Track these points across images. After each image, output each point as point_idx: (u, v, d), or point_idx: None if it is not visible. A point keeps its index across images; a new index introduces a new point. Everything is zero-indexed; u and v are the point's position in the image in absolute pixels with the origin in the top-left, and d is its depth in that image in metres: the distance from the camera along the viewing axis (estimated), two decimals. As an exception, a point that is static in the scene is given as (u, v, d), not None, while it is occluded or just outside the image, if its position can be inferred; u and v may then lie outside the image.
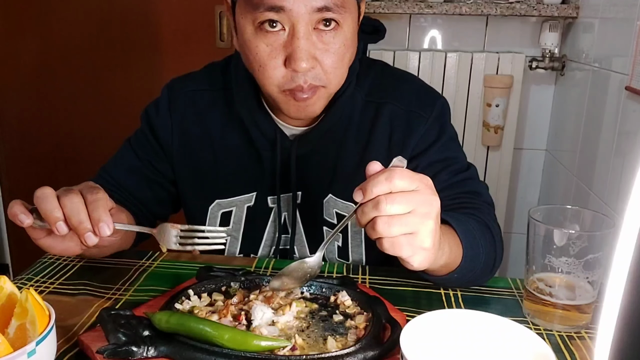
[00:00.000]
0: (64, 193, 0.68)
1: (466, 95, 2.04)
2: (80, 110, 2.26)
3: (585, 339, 0.71)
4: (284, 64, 0.79)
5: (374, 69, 0.97)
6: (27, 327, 0.56)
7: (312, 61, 0.78)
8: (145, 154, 1.00)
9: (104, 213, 0.67)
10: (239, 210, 0.98)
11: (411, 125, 0.92)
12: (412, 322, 0.58)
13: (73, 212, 0.66)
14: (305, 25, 0.77)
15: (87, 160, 2.26)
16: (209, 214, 0.99)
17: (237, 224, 0.99)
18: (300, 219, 0.96)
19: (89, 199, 0.67)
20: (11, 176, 2.38)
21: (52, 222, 0.66)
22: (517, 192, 2.24)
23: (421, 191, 0.61)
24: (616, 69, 1.55)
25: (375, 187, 0.60)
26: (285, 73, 0.79)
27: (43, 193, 0.67)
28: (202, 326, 0.62)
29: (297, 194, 0.95)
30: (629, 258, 0.26)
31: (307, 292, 0.77)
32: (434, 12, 1.94)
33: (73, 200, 0.66)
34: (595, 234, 0.70)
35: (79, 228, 0.66)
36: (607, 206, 1.55)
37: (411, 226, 0.60)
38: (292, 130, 0.93)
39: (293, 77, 0.79)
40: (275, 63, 0.79)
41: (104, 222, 0.66)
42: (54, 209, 0.66)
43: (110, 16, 2.15)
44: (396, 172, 0.60)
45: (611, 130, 1.54)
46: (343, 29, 0.80)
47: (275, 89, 0.81)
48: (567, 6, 1.89)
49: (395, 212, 0.59)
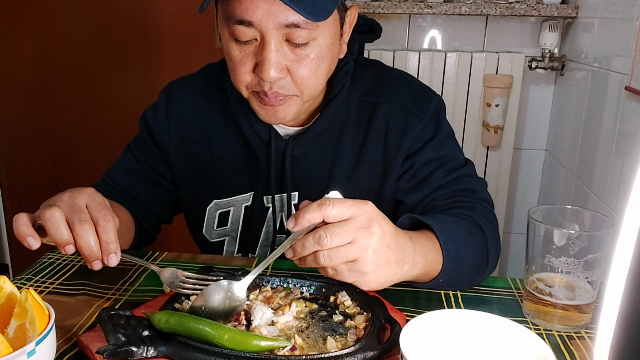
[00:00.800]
0: (75, 218, 0.66)
1: (466, 95, 2.04)
2: (79, 111, 2.26)
3: (584, 338, 0.71)
4: (252, 70, 0.80)
5: (370, 68, 0.97)
6: (27, 327, 0.56)
7: (281, 72, 0.79)
8: (144, 156, 1.00)
9: (113, 242, 0.66)
10: (237, 210, 0.98)
11: (406, 124, 0.92)
12: (411, 322, 0.58)
13: (84, 240, 0.65)
14: (276, 38, 0.77)
15: (86, 160, 2.26)
16: (206, 215, 0.99)
17: (234, 224, 0.99)
18: None
19: (101, 226, 0.66)
20: (10, 176, 2.38)
21: (61, 246, 0.66)
22: (517, 192, 2.24)
23: (357, 218, 0.62)
24: (616, 69, 1.55)
25: (308, 214, 0.61)
26: (253, 78, 0.81)
27: (52, 217, 0.65)
28: (202, 326, 0.62)
29: (293, 194, 0.95)
30: (629, 258, 0.26)
31: (307, 292, 0.77)
32: (433, 12, 1.94)
33: (85, 229, 0.65)
34: (594, 234, 0.70)
35: (89, 257, 0.66)
36: (607, 206, 1.55)
37: (351, 255, 0.62)
38: (286, 131, 0.94)
39: (259, 82, 0.81)
40: (245, 68, 0.81)
41: (113, 254, 0.66)
42: (64, 235, 0.65)
43: (109, 17, 2.15)
44: (329, 201, 0.61)
45: (611, 130, 1.54)
46: (317, 41, 0.79)
47: (244, 90, 0.83)
48: (567, 6, 1.89)
49: (335, 245, 0.61)
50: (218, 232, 1.00)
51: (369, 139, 0.93)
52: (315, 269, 0.89)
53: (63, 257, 0.91)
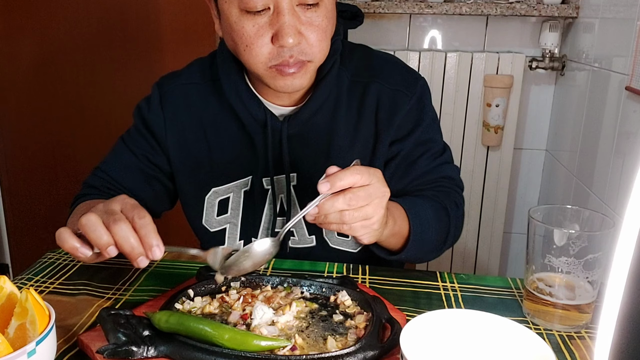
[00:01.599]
0: (110, 219, 0.66)
1: (466, 95, 2.04)
2: (80, 109, 2.26)
3: (585, 338, 0.71)
4: (271, 41, 0.82)
5: (357, 51, 1.00)
6: (27, 327, 0.56)
7: (298, 36, 0.81)
8: (140, 149, 1.00)
9: (155, 237, 0.66)
10: (236, 195, 0.99)
11: (396, 102, 0.95)
12: (412, 322, 0.58)
13: (124, 239, 0.65)
14: (289, 2, 0.80)
15: (86, 159, 2.26)
16: (205, 204, 1.00)
17: (235, 210, 1.00)
18: (297, 200, 0.98)
19: (137, 223, 0.67)
20: (11, 176, 2.38)
21: (103, 248, 0.66)
22: (517, 192, 2.24)
23: (375, 184, 0.71)
24: (616, 69, 1.55)
25: (341, 181, 0.69)
26: (272, 49, 0.82)
27: (89, 220, 0.66)
28: (202, 326, 0.62)
29: (292, 175, 0.96)
30: (629, 258, 0.26)
31: (307, 292, 0.77)
32: (434, 12, 1.94)
33: (122, 227, 0.65)
34: (595, 234, 0.70)
35: (132, 254, 0.66)
36: (607, 206, 1.55)
37: (369, 214, 0.71)
38: (281, 111, 0.95)
39: (279, 53, 0.82)
40: (262, 41, 0.82)
41: (156, 246, 0.66)
42: (103, 235, 0.65)
43: (110, 15, 2.15)
44: (357, 169, 0.70)
45: (611, 130, 1.54)
46: (325, 3, 0.83)
47: (262, 66, 0.84)
48: (567, 6, 1.89)
49: (360, 205, 0.70)
50: (218, 221, 1.00)
51: (362, 117, 0.95)
52: (315, 269, 0.89)
53: (63, 257, 0.91)
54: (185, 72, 1.02)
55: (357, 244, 0.99)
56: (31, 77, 2.25)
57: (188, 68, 1.03)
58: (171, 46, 2.15)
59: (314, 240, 0.98)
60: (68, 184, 2.26)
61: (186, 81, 1.01)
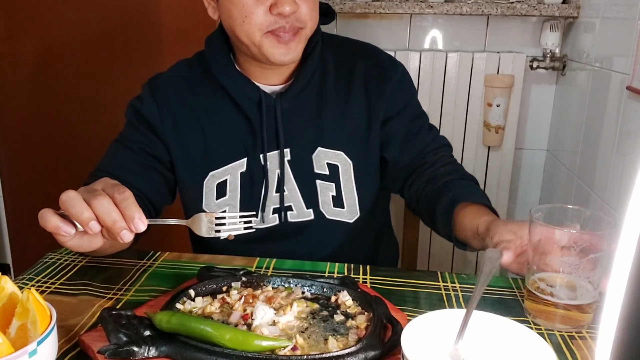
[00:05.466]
0: (90, 195, 0.67)
1: (467, 95, 2.04)
2: (80, 110, 2.26)
3: (586, 338, 0.71)
4: (269, 10, 0.89)
5: (335, 37, 1.10)
6: (29, 327, 0.56)
7: (294, 5, 0.89)
8: (136, 143, 1.02)
9: (136, 210, 0.67)
10: (233, 177, 1.01)
11: (384, 76, 1.03)
12: (413, 322, 0.58)
13: (104, 212, 0.66)
14: None
15: (87, 159, 2.25)
16: (204, 189, 1.02)
17: (233, 192, 1.01)
18: (292, 175, 1.01)
19: (117, 198, 0.67)
20: (11, 176, 2.38)
21: (85, 223, 0.66)
22: (518, 192, 2.23)
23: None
24: (617, 69, 1.55)
25: None
26: (269, 17, 0.90)
27: (69, 196, 0.67)
28: (203, 326, 0.62)
29: (286, 150, 1.00)
30: (630, 258, 0.26)
31: (308, 292, 0.77)
32: (434, 12, 1.94)
33: (102, 201, 0.66)
34: (596, 234, 0.70)
35: (114, 227, 0.66)
36: (608, 206, 1.54)
37: None
38: (272, 89, 1.01)
39: (277, 20, 0.90)
40: (260, 10, 0.89)
41: (138, 219, 0.66)
42: (83, 210, 0.66)
43: (110, 15, 2.15)
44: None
45: (612, 130, 1.54)
46: None
47: (259, 33, 0.91)
48: (568, 6, 1.89)
49: None
50: (218, 204, 1.02)
51: (352, 91, 1.02)
52: (316, 269, 0.89)
53: (65, 257, 0.91)
54: (171, 69, 1.08)
55: (353, 215, 1.03)
56: (32, 77, 2.25)
57: (173, 66, 1.09)
58: (172, 47, 2.15)
59: (312, 214, 1.02)
60: (69, 184, 2.24)
61: (173, 74, 1.06)
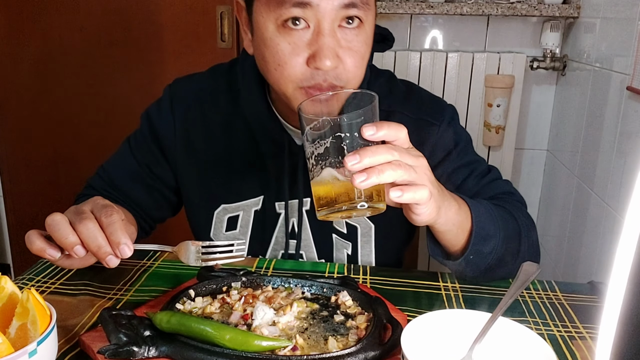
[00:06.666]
0: (77, 219, 0.66)
1: (467, 95, 2.04)
2: (81, 111, 2.26)
3: (586, 339, 0.71)
4: (306, 62, 0.75)
5: (382, 77, 0.96)
6: (28, 327, 0.56)
7: (336, 60, 0.75)
8: (144, 158, 0.99)
9: (122, 235, 0.65)
10: (246, 214, 0.97)
11: (421, 132, 0.90)
12: (412, 322, 0.58)
13: (90, 237, 0.65)
14: (331, 22, 0.74)
15: (87, 160, 2.26)
16: (214, 219, 0.98)
17: (244, 228, 0.97)
18: (309, 224, 0.95)
19: (104, 222, 0.66)
20: (11, 177, 2.38)
21: (69, 247, 0.65)
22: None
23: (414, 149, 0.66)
24: (617, 69, 1.55)
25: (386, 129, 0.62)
26: (305, 71, 0.76)
27: (54, 220, 0.66)
28: (203, 326, 0.62)
29: (305, 200, 0.94)
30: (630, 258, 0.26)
31: (308, 292, 0.77)
32: (435, 12, 1.94)
33: (88, 226, 0.65)
34: None
35: (99, 253, 0.65)
36: (609, 206, 1.54)
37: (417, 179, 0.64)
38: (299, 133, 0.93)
39: (313, 75, 0.76)
40: (296, 61, 0.75)
41: (124, 244, 0.65)
42: (68, 234, 0.65)
43: (111, 16, 2.15)
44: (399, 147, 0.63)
45: (612, 130, 1.54)
46: (365, 27, 0.77)
47: (292, 86, 0.78)
48: (568, 6, 1.89)
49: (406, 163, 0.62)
50: (227, 236, 0.98)
51: None
52: (316, 269, 0.89)
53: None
54: (200, 77, 1.00)
55: None
56: (32, 78, 2.25)
57: (204, 73, 1.01)
58: (173, 48, 2.15)
59: None
60: (69, 184, 2.26)
61: (199, 87, 0.98)
